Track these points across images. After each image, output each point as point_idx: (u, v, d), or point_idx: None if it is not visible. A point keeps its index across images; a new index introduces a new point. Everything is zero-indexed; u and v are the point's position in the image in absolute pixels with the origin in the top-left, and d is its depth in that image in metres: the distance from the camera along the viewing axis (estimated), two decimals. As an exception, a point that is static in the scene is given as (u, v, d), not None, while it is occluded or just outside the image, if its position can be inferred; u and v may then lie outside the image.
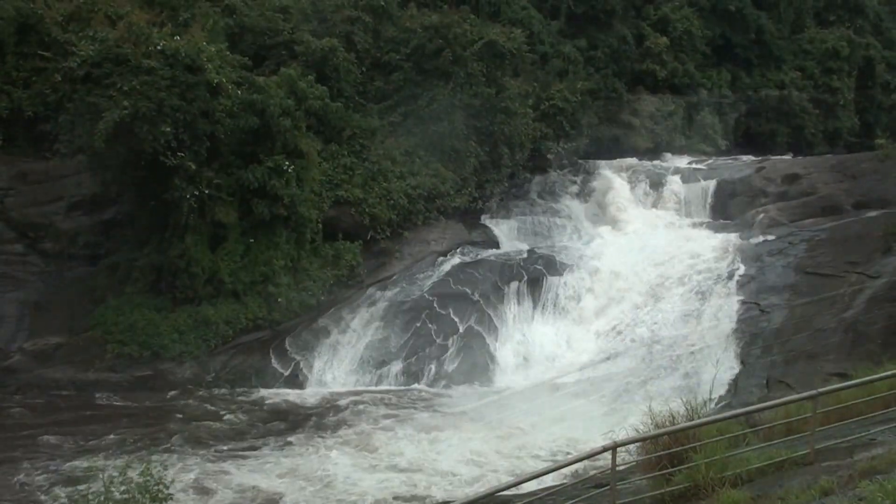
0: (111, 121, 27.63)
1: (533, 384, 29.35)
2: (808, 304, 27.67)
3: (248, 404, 27.84)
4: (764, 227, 34.68)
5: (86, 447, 23.28)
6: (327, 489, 21.36)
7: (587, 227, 39.33)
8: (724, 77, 53.21)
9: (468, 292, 32.79)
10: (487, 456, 23.44)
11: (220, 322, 30.59)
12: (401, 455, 23.45)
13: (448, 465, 22.86)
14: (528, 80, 43.18)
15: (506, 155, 39.64)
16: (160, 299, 30.80)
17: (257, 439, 24.77)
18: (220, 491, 20.98)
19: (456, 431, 25.31)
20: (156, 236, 31.02)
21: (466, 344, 31.14)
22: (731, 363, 26.77)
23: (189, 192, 29.44)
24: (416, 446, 24.04)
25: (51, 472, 21.50)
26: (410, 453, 23.54)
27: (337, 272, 33.36)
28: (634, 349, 29.29)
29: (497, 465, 22.69)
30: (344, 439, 24.76)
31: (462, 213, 38.52)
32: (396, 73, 38.57)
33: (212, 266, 30.88)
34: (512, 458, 23.18)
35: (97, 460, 21.41)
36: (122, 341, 29.75)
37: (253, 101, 31.02)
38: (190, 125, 29.27)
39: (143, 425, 25.39)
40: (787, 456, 11.72)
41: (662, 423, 12.38)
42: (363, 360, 30.92)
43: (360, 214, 34.65)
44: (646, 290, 31.72)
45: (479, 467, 22.67)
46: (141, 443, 23.68)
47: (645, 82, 49.73)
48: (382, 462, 23.02)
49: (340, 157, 35.54)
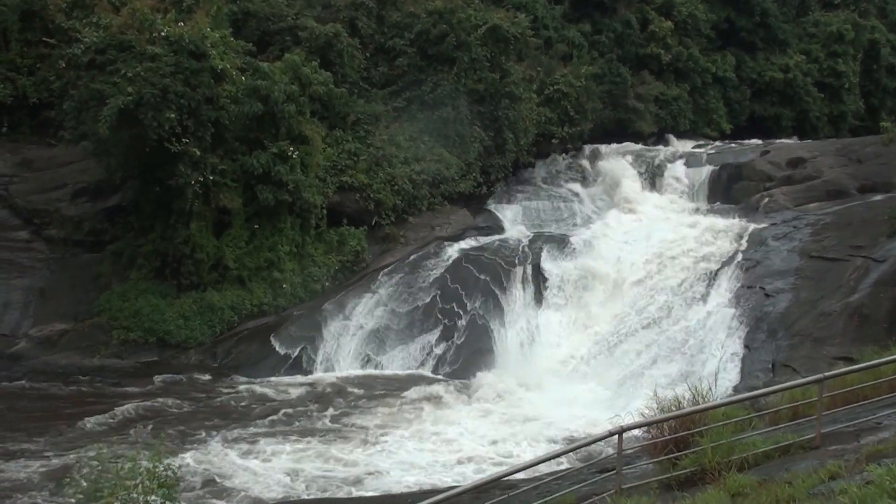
0: (115, 107, 27.62)
1: (538, 369, 29.35)
2: (814, 288, 27.62)
3: (254, 390, 27.85)
4: (769, 212, 34.60)
5: (91, 434, 23.27)
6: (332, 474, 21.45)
7: (593, 211, 39.28)
8: (729, 61, 53.07)
9: (473, 278, 32.80)
10: (504, 439, 23.59)
11: (225, 308, 30.72)
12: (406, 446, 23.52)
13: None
14: (532, 64, 43.11)
15: (510, 140, 39.60)
16: (165, 285, 30.90)
17: (264, 425, 24.78)
18: (233, 477, 21.02)
19: (463, 416, 25.39)
20: (160, 223, 31.06)
21: (472, 329, 31.14)
22: (737, 348, 26.72)
23: (193, 179, 29.46)
24: (422, 437, 24.11)
25: (56, 460, 21.52)
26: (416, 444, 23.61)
27: (341, 258, 33.44)
28: (640, 334, 29.25)
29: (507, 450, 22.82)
30: (350, 425, 24.85)
31: (467, 198, 38.53)
32: (400, 59, 38.49)
33: (216, 252, 30.98)
34: (520, 442, 23.25)
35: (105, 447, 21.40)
36: (128, 327, 29.89)
37: (257, 87, 31.02)
38: (194, 111, 29.27)
39: (150, 412, 25.41)
40: (794, 440, 11.72)
41: (668, 407, 12.37)
42: (368, 345, 30.96)
43: (364, 200, 34.70)
44: (650, 275, 31.65)
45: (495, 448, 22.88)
46: (150, 430, 23.64)
47: (649, 66, 49.62)
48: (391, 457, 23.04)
49: (345, 142, 35.55)
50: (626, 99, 47.11)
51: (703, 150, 43.01)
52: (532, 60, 43.31)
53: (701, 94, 51.32)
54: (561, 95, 42.75)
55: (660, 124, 48.89)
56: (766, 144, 42.73)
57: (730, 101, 52.88)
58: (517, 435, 23.87)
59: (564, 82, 42.88)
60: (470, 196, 38.71)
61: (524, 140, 40.70)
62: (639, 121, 47.43)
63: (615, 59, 47.50)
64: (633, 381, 26.95)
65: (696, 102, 51.16)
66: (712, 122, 51.65)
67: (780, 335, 26.18)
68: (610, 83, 46.68)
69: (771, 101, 54.31)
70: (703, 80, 51.38)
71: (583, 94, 43.31)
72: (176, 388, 27.87)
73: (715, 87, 52.18)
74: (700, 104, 51.31)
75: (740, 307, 28.22)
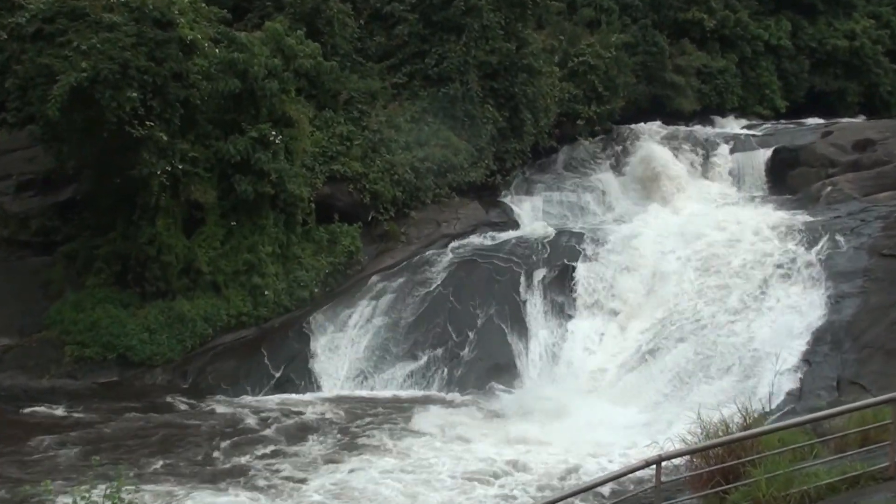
0: (67, 85, 27.56)
1: (564, 388, 29.31)
2: (886, 291, 27.53)
3: (231, 415, 27.82)
4: (832, 202, 34.54)
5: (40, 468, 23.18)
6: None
7: (625, 204, 39.27)
8: (784, 26, 52.97)
9: (486, 282, 32.79)
10: (521, 467, 23.52)
11: (198, 319, 30.73)
12: (430, 467, 23.43)
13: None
14: (553, 33, 43.15)
15: (528, 121, 39.59)
16: (127, 293, 30.94)
17: (244, 456, 24.72)
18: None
19: (478, 442, 25.32)
20: (121, 220, 31.09)
21: (485, 342, 31.12)
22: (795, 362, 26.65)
23: (160, 168, 29.41)
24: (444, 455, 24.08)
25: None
26: (442, 464, 23.58)
27: (333, 259, 33.46)
28: (681, 346, 29.18)
29: (523, 480, 22.74)
30: (357, 452, 24.73)
31: (478, 189, 38.56)
32: (400, 27, 38.49)
33: (187, 254, 30.99)
34: (542, 472, 23.19)
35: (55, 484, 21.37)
36: (83, 343, 29.90)
37: (233, 61, 31.01)
38: (160, 89, 29.25)
39: (108, 442, 25.31)
40: (864, 470, 11.70)
41: (714, 432, 12.38)
42: (365, 361, 30.95)
43: (359, 192, 34.72)
44: (693, 278, 31.60)
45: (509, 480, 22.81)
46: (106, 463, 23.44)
47: (691, 34, 49.62)
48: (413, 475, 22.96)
49: (336, 124, 35.56)
50: (663, 72, 47.11)
51: (754, 132, 42.96)
52: (553, 28, 43.34)
53: (751, 66, 51.31)
54: (587, 68, 42.74)
55: (703, 102, 48.92)
56: (829, 124, 42.75)
57: (785, 74, 52.82)
58: (532, 462, 23.76)
59: (591, 53, 42.87)
60: (482, 187, 38.74)
61: (544, 121, 40.70)
62: (678, 98, 47.45)
63: (650, 26, 47.51)
64: (674, 401, 26.89)
65: (746, 76, 51.15)
66: (764, 99, 51.63)
67: (846, 347, 26.11)
68: (644, 54, 46.70)
69: (834, 73, 54.26)
70: (753, 49, 51.34)
71: (613, 67, 43.30)
72: (139, 413, 27.75)
73: (767, 57, 52.13)
74: (750, 78, 51.29)
75: (799, 315, 28.15)
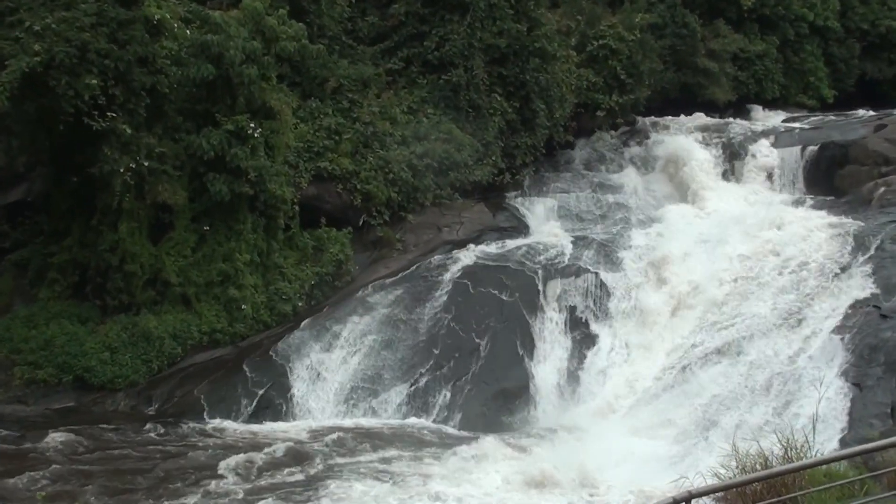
0: (18, 71, 27.49)
1: (580, 416, 29.24)
2: (946, 306, 27.51)
3: (204, 445, 27.69)
4: (885, 205, 34.53)
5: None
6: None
7: (651, 206, 39.26)
8: (833, 6, 53.14)
9: (494, 295, 32.72)
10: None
11: (166, 337, 30.71)
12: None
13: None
14: (570, 12, 43.24)
15: (541, 112, 39.62)
16: (85, 307, 30.93)
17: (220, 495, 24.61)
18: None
19: (483, 477, 25.16)
20: (79, 224, 31.11)
21: (491, 364, 31.03)
22: (843, 386, 26.55)
23: (123, 165, 29.33)
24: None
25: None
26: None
27: (319, 269, 33.49)
28: (714, 368, 29.11)
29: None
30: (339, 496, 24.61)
31: (484, 189, 38.62)
32: (396, 5, 38.67)
33: (154, 263, 30.98)
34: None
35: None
36: (35, 363, 29.83)
37: (207, 44, 31.02)
38: (123, 76, 29.20)
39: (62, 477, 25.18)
40: (921, 509, 11.61)
41: (751, 466, 12.30)
42: (354, 385, 30.83)
43: (349, 193, 34.77)
44: (728, 290, 31.58)
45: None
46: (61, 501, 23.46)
47: (726, 14, 49.75)
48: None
49: (323, 116, 35.63)
50: (694, 57, 47.20)
51: (798, 125, 42.99)
52: (570, 6, 43.46)
53: (794, 51, 51.39)
54: (608, 53, 42.85)
55: (739, 91, 49.06)
56: (882, 116, 42.67)
57: (833, 60, 52.92)
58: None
59: (613, 35, 42.96)
60: (488, 187, 38.78)
61: (560, 112, 40.75)
62: (711, 86, 47.54)
63: (680, 5, 47.55)
64: (705, 429, 26.78)
65: (788, 61, 51.24)
66: (809, 88, 51.70)
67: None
68: (673, 36, 46.79)
69: (888, 58, 54.29)
70: (796, 31, 51.45)
71: (637, 52, 43.38)
72: (98, 443, 27.56)
73: (813, 40, 52.20)
74: (793, 63, 51.37)
75: (848, 333, 28.04)
